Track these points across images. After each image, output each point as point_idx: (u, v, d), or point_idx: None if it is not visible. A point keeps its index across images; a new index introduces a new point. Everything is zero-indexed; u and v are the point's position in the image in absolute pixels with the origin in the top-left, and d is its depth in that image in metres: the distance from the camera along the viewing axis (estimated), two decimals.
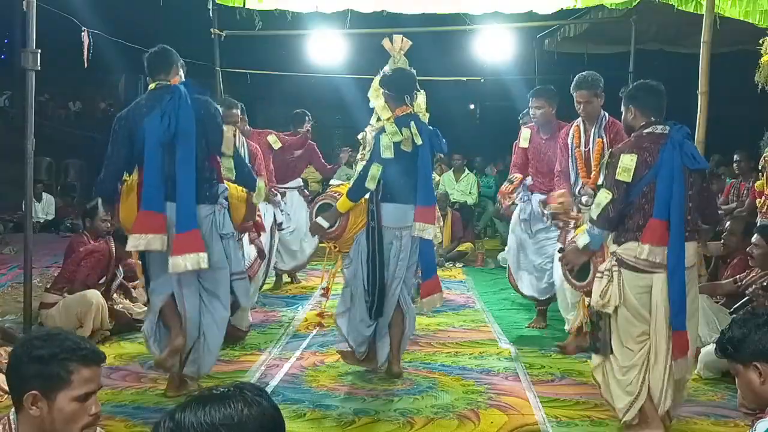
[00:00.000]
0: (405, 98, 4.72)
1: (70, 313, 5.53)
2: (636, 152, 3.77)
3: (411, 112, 4.73)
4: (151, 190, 4.14)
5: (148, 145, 4.14)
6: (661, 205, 3.71)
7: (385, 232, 4.68)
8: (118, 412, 4.11)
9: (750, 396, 2.30)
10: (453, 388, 4.58)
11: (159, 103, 4.18)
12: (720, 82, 6.30)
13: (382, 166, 4.61)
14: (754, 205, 6.46)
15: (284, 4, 7.90)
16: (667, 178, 3.71)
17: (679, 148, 3.76)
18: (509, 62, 10.41)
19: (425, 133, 4.68)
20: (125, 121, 4.27)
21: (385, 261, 4.68)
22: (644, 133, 3.86)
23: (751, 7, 6.93)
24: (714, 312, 5.07)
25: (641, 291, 3.76)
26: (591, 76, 5.35)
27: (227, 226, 4.39)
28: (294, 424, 3.96)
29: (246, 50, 10.82)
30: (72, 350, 2.11)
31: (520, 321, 6.53)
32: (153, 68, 4.34)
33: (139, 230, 4.14)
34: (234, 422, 1.52)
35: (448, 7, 8.23)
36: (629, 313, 3.78)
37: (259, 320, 6.35)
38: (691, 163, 3.76)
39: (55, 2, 6.69)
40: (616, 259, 3.81)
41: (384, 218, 4.67)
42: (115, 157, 4.28)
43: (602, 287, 3.79)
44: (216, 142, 4.27)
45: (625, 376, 3.80)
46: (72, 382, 2.09)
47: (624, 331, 3.80)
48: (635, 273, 3.76)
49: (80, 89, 20.46)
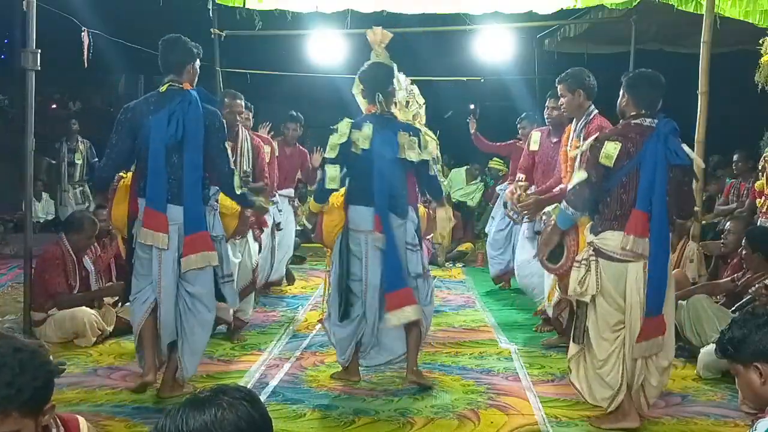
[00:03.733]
0: (375, 96, 4.58)
1: (64, 328, 5.52)
2: (620, 140, 3.82)
3: (376, 112, 4.58)
4: (155, 190, 4.15)
5: (153, 145, 4.14)
6: (643, 196, 3.77)
7: (351, 235, 4.59)
8: (118, 412, 4.11)
9: (750, 396, 2.30)
10: (453, 388, 4.58)
11: (168, 104, 4.16)
12: (720, 82, 6.31)
13: (346, 166, 4.55)
14: (754, 205, 6.47)
15: (284, 4, 7.90)
16: (650, 171, 3.77)
17: (664, 142, 3.81)
18: (509, 62, 10.41)
19: (379, 136, 4.47)
20: (131, 113, 4.25)
21: (352, 262, 4.58)
22: (632, 123, 3.91)
23: (751, 7, 6.94)
24: (714, 312, 5.07)
25: (617, 280, 3.83)
26: (571, 72, 5.17)
27: (217, 228, 4.43)
28: (294, 424, 3.96)
29: (246, 50, 10.81)
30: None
31: (520, 321, 6.53)
32: (165, 65, 4.28)
33: (148, 226, 4.17)
34: (209, 428, 1.53)
35: (448, 7, 8.23)
36: (606, 302, 3.86)
37: (259, 320, 6.35)
38: (672, 158, 3.81)
39: (55, 2, 6.70)
40: (594, 248, 3.87)
41: (350, 220, 4.59)
42: (118, 147, 4.28)
43: (580, 276, 3.86)
44: (215, 155, 4.25)
45: (602, 369, 3.89)
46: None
47: (601, 320, 3.88)
48: (611, 262, 3.83)
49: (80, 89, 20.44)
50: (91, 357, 5.24)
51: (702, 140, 5.71)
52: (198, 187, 4.19)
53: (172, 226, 4.18)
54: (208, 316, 4.36)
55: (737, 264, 5.53)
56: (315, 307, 6.95)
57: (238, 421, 1.54)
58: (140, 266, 4.32)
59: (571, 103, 5.06)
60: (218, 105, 4.67)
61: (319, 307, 6.93)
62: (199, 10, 8.43)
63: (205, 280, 4.29)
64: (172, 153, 4.16)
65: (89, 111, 20.84)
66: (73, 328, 5.50)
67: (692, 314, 5.10)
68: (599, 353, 3.89)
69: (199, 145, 4.17)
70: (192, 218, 4.19)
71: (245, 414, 1.56)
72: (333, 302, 4.70)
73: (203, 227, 4.23)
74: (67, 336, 5.53)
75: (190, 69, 4.30)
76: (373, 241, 4.52)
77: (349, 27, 8.58)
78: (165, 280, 4.21)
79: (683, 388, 4.60)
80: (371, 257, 4.55)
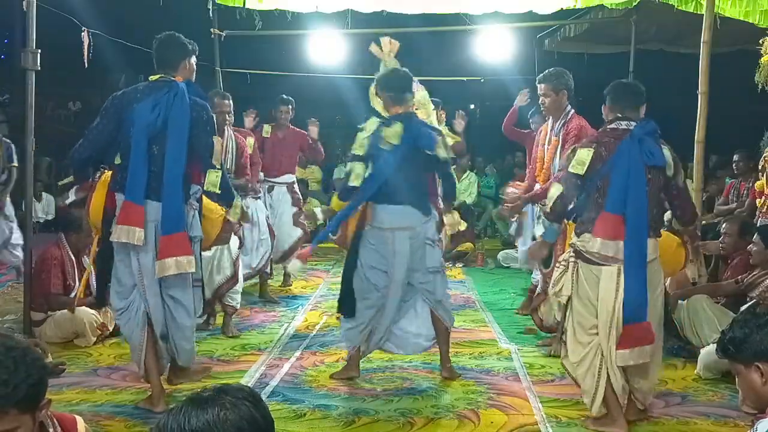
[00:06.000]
0: (404, 96, 4.61)
1: (64, 328, 5.52)
2: (593, 147, 3.82)
3: (402, 112, 4.60)
4: (134, 180, 3.95)
5: (135, 134, 3.98)
6: (615, 198, 3.74)
7: (374, 232, 4.58)
8: (118, 412, 4.11)
9: (751, 396, 2.30)
10: (453, 388, 4.58)
11: (154, 93, 4.03)
12: (720, 82, 6.30)
13: (373, 165, 4.55)
14: (755, 205, 6.46)
15: (284, 4, 7.90)
16: (622, 173, 3.73)
17: (638, 144, 3.77)
18: (509, 62, 10.40)
19: (411, 133, 4.50)
20: (118, 100, 4.11)
21: (370, 257, 4.58)
22: (608, 128, 3.94)
23: (751, 7, 6.93)
24: (714, 312, 5.06)
25: (594, 283, 3.82)
26: (554, 71, 5.25)
27: (195, 228, 4.18)
28: (294, 424, 3.96)
29: (246, 50, 10.83)
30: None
31: (520, 321, 6.53)
32: (159, 61, 4.17)
33: (123, 221, 3.95)
34: (211, 428, 1.53)
35: (448, 7, 8.23)
36: (582, 304, 3.86)
37: (259, 320, 6.35)
38: (647, 159, 3.76)
39: (55, 2, 6.69)
40: (574, 250, 3.88)
41: (375, 218, 4.58)
42: (97, 131, 4.10)
43: (556, 276, 3.90)
44: (200, 150, 4.07)
45: (577, 372, 3.91)
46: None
47: (577, 322, 3.89)
48: (588, 265, 3.83)
49: (80, 89, 20.44)
50: (91, 357, 5.24)
51: (702, 140, 5.71)
52: (178, 183, 3.97)
53: (149, 224, 3.98)
54: (189, 322, 4.22)
55: (738, 265, 5.53)
56: (315, 307, 6.96)
57: (240, 422, 1.54)
58: (122, 273, 4.12)
59: (555, 103, 5.17)
60: (209, 100, 4.57)
61: (319, 307, 6.94)
62: (199, 10, 8.43)
63: (186, 283, 4.14)
64: (153, 143, 3.97)
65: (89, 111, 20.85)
66: (73, 328, 5.50)
67: (692, 314, 5.09)
68: (572, 356, 3.91)
69: (183, 138, 3.97)
70: (169, 216, 3.96)
71: (247, 414, 1.56)
72: (343, 296, 4.72)
73: (182, 227, 4.00)
74: (67, 336, 5.54)
75: (186, 65, 4.18)
76: (407, 236, 4.53)
77: (349, 27, 8.58)
78: (148, 281, 4.05)
79: (683, 388, 4.60)
80: (399, 255, 4.54)
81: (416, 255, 4.60)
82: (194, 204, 4.20)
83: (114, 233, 4.01)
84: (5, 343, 1.89)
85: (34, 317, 5.55)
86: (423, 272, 4.65)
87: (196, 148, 4.07)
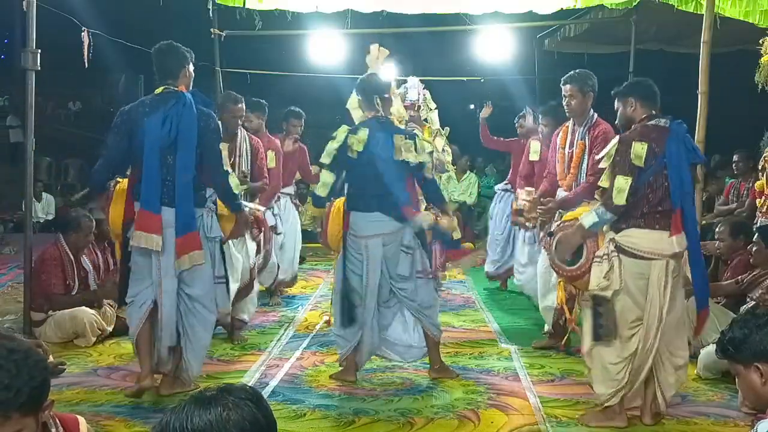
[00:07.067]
0: (373, 100, 4.63)
1: (64, 328, 5.53)
2: (645, 141, 3.86)
3: (374, 117, 4.63)
4: (149, 190, 4.16)
5: (147, 146, 4.15)
6: (675, 195, 3.85)
7: (352, 240, 4.60)
8: (118, 412, 4.11)
9: (751, 397, 2.30)
10: (453, 388, 4.58)
11: (163, 106, 4.19)
12: (720, 82, 6.30)
13: (345, 172, 4.59)
14: (754, 205, 6.46)
15: (284, 4, 7.90)
16: (677, 170, 3.85)
17: (683, 141, 3.92)
18: (509, 62, 10.42)
19: (376, 139, 4.51)
20: (127, 115, 4.28)
21: (354, 266, 4.60)
22: (649, 124, 3.97)
23: (751, 7, 6.93)
24: (714, 312, 5.05)
25: (639, 277, 3.87)
26: (581, 73, 5.20)
27: (215, 229, 4.42)
28: (294, 424, 3.96)
29: (246, 50, 10.83)
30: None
31: (520, 321, 6.53)
32: (161, 72, 4.31)
33: (140, 228, 4.18)
34: (213, 427, 1.53)
35: (448, 7, 8.23)
36: (627, 298, 3.88)
37: (259, 320, 6.35)
38: (693, 157, 3.95)
39: (55, 2, 6.69)
40: (615, 245, 3.89)
41: (351, 226, 4.62)
42: (114, 149, 4.31)
43: (604, 271, 3.87)
44: (209, 157, 4.28)
45: (615, 365, 3.90)
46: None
47: (621, 317, 3.89)
48: (634, 260, 3.86)
49: (80, 89, 20.46)
50: (91, 357, 5.24)
51: (702, 140, 5.70)
52: (189, 189, 4.18)
53: (167, 230, 4.17)
54: (209, 317, 4.39)
55: (738, 265, 5.53)
56: (315, 307, 6.96)
57: (242, 422, 1.54)
58: (137, 270, 4.32)
59: (581, 105, 5.10)
60: (214, 106, 4.67)
61: (319, 307, 6.95)
62: (199, 10, 8.44)
63: (203, 281, 4.30)
64: (166, 155, 4.17)
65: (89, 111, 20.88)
66: (73, 328, 5.50)
67: (691, 314, 5.08)
68: (618, 350, 3.90)
69: (192, 146, 4.17)
70: (183, 220, 4.18)
71: (249, 414, 1.56)
72: (336, 306, 4.74)
73: (194, 227, 4.21)
74: (67, 336, 5.54)
75: (186, 72, 4.33)
76: (379, 243, 4.54)
77: (349, 27, 8.58)
78: (166, 284, 4.22)
79: (683, 388, 4.59)
80: (371, 262, 4.56)
81: (391, 262, 4.62)
82: (212, 207, 4.44)
83: (133, 238, 4.22)
84: (7, 346, 1.89)
85: (34, 317, 5.55)
86: (397, 279, 4.65)
87: (205, 155, 4.27)
